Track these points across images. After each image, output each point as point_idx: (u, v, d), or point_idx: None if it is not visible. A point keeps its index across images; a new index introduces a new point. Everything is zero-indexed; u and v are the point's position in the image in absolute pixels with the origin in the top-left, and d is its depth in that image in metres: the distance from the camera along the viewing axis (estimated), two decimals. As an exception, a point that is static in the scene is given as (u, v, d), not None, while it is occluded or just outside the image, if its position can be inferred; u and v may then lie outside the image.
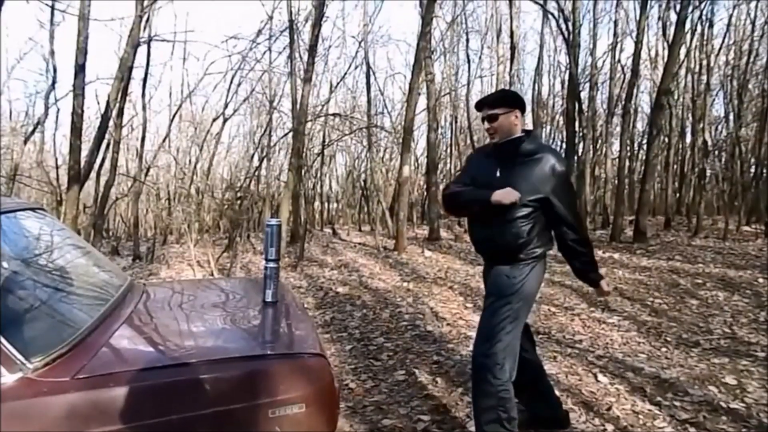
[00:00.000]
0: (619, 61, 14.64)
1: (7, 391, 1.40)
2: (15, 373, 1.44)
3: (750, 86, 12.95)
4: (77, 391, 1.45)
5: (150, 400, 1.51)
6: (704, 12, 11.84)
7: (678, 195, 14.89)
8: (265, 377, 1.63)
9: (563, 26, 11.58)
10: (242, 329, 2.14)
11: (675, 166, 15.11)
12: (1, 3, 5.37)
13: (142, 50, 10.50)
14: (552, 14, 12.60)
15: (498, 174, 2.34)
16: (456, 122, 18.17)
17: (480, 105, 2.47)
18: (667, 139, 13.92)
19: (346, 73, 16.31)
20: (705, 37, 12.56)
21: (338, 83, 16.39)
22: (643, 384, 3.27)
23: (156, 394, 1.52)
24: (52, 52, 10.43)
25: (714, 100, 14.58)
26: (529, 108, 18.35)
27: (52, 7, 9.51)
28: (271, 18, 12.85)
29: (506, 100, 2.41)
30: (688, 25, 10.65)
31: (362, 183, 17.89)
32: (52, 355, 1.54)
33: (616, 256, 7.98)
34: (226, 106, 13.43)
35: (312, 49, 10.29)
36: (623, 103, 12.92)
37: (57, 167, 11.62)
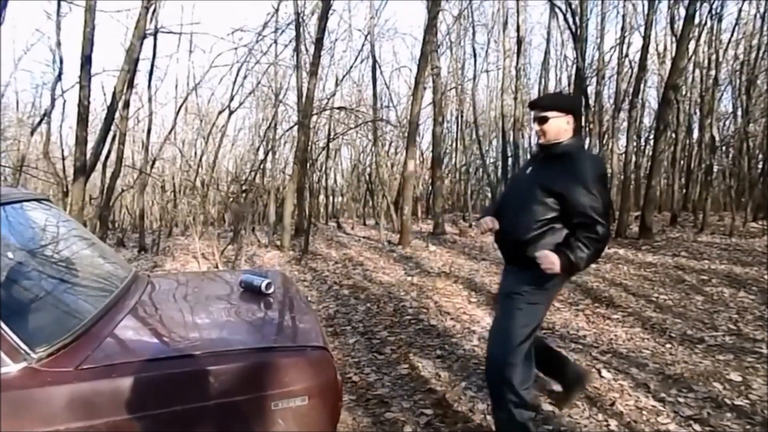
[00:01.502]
0: (626, 55, 14.50)
1: (11, 381, 1.41)
2: (19, 362, 1.44)
3: (759, 82, 12.81)
4: (81, 381, 1.46)
5: (153, 391, 1.51)
6: (713, 6, 11.72)
7: (684, 191, 14.79)
8: (269, 370, 1.63)
9: (570, 20, 11.49)
10: (246, 322, 2.14)
11: (682, 162, 14.99)
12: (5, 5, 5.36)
13: (148, 42, 10.47)
14: (559, 8, 12.49)
15: (528, 171, 2.41)
16: (462, 116, 18.08)
17: (532, 105, 2.46)
18: (674, 135, 13.81)
19: (352, 67, 16.24)
20: (714, 32, 12.44)
21: (344, 76, 16.33)
22: (647, 380, 3.26)
23: (159, 385, 1.53)
24: (58, 43, 10.41)
25: (722, 95, 14.46)
26: (535, 102, 18.25)
27: (59, -2, 9.51)
28: (277, 11, 12.80)
29: (559, 104, 2.39)
30: (696, 20, 10.53)
31: (367, 177, 17.88)
32: (56, 345, 1.55)
33: (622, 251, 7.95)
34: (231, 98, 13.41)
35: (318, 42, 10.27)
36: (630, 97, 12.83)
37: (63, 159, 11.66)
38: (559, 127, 2.32)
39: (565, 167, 2.25)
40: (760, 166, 13.13)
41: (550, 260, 2.17)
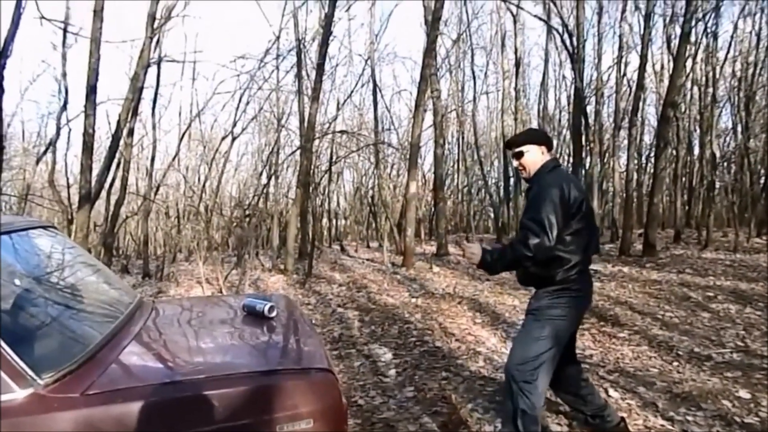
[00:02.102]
0: (624, 74, 14.67)
1: (17, 407, 1.41)
2: (26, 388, 1.45)
3: (757, 97, 12.91)
4: (87, 407, 1.46)
5: (159, 416, 1.51)
6: (708, 25, 11.88)
7: (687, 207, 14.79)
8: (273, 393, 1.63)
9: (567, 41, 11.65)
10: (250, 345, 2.14)
11: (683, 179, 15.04)
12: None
13: (152, 71, 10.70)
14: (556, 30, 12.70)
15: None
16: (462, 138, 18.24)
17: (508, 145, 2.66)
18: (675, 152, 13.87)
19: (353, 91, 16.48)
20: (710, 50, 12.59)
21: (345, 101, 16.55)
22: (655, 399, 3.22)
23: (165, 410, 1.53)
24: (64, 74, 10.61)
25: (721, 111, 14.56)
26: (535, 123, 18.41)
27: (65, 30, 9.72)
28: (278, 38, 13.05)
29: (532, 138, 2.56)
30: (692, 38, 10.67)
31: (370, 199, 17.95)
32: (62, 371, 1.55)
33: (626, 269, 7.93)
34: (234, 124, 13.59)
35: (319, 68, 10.43)
36: (630, 116, 12.94)
37: (68, 186, 11.79)
38: (535, 158, 2.50)
39: (532, 195, 2.43)
40: (762, 181, 13.14)
41: (471, 251, 2.42)
